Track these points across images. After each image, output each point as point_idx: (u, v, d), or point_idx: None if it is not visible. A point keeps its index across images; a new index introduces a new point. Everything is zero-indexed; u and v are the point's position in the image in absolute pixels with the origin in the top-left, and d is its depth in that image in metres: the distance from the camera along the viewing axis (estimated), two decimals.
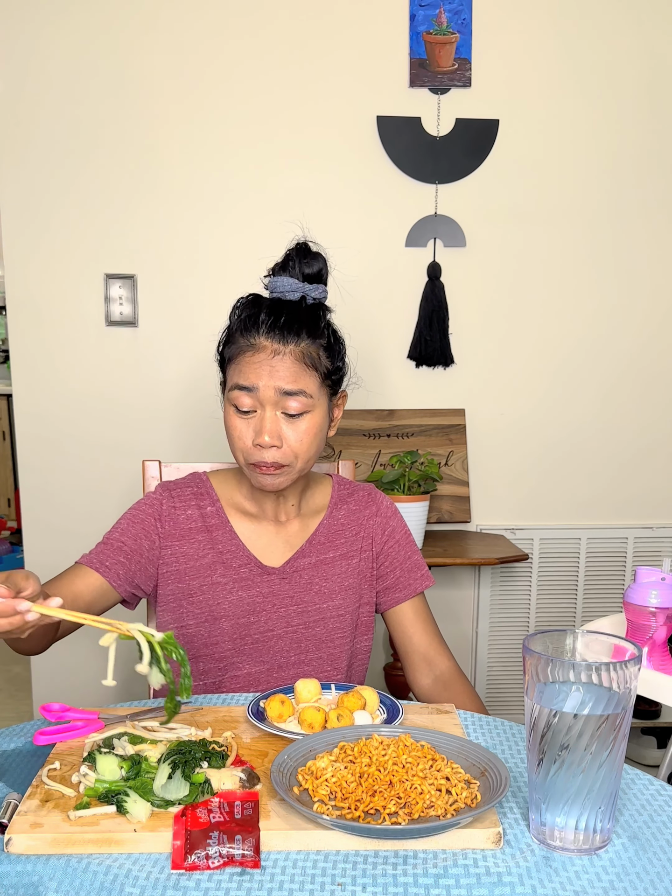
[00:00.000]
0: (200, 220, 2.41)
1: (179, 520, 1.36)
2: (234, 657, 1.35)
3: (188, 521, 1.36)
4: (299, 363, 1.26)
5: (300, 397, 1.25)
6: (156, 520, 1.36)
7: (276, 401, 1.25)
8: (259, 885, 0.79)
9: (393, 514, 1.46)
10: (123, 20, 2.31)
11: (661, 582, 1.36)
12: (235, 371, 1.27)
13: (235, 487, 1.40)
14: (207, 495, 1.39)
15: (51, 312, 2.40)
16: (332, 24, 2.35)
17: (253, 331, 1.26)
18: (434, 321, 2.46)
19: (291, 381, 1.24)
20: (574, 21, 2.41)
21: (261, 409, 1.26)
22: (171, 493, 1.38)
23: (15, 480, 5.22)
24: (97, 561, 1.32)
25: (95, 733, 1.05)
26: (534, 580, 2.61)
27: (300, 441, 1.27)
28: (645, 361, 2.57)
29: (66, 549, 2.49)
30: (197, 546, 1.36)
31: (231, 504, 1.39)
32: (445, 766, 0.93)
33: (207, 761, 0.94)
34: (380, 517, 1.44)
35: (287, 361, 1.25)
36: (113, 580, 1.31)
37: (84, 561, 1.33)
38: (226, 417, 1.30)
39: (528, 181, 2.47)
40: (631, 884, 0.80)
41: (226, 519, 1.37)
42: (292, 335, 1.25)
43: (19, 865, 0.81)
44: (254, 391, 1.25)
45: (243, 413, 1.27)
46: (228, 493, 1.40)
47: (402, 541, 1.44)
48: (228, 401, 1.29)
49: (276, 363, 1.24)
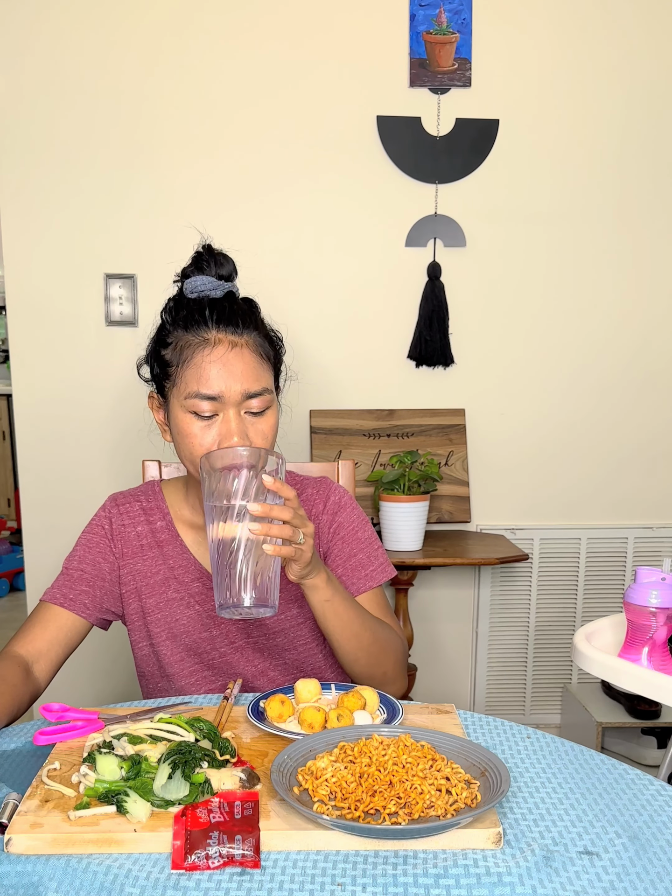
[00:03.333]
0: (200, 219, 2.41)
1: (130, 537, 1.34)
2: (204, 671, 1.33)
3: (139, 538, 1.33)
4: (256, 355, 1.20)
5: (263, 395, 1.20)
6: (109, 540, 1.33)
7: (240, 402, 1.19)
8: (259, 885, 0.79)
9: (340, 509, 1.35)
10: (123, 20, 2.31)
11: (662, 582, 1.36)
12: (193, 375, 1.18)
13: (183, 499, 1.35)
14: (158, 509, 1.35)
15: (51, 312, 2.40)
16: (332, 24, 2.35)
17: (202, 325, 1.19)
18: (434, 321, 2.46)
19: (254, 380, 1.19)
20: (574, 21, 2.41)
21: (223, 412, 1.18)
22: (120, 510, 1.35)
23: (15, 480, 5.22)
24: (61, 596, 1.29)
25: (96, 733, 1.05)
26: (534, 580, 2.61)
27: (266, 438, 1.21)
28: (645, 361, 2.57)
29: (66, 549, 2.49)
30: (150, 563, 1.33)
31: (179, 517, 1.35)
32: (445, 767, 0.93)
33: (208, 762, 0.94)
34: (326, 514, 1.35)
35: (246, 355, 1.19)
36: (81, 612, 1.29)
37: (48, 598, 1.30)
38: (179, 425, 1.20)
39: (528, 181, 2.47)
40: (631, 884, 0.80)
41: (176, 533, 1.34)
42: (244, 325, 1.20)
43: (19, 865, 0.81)
44: (218, 399, 1.17)
45: (203, 418, 1.19)
46: (177, 504, 1.36)
47: (347, 537, 1.34)
48: (183, 407, 1.19)
49: (236, 359, 1.18)
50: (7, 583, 4.32)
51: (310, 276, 2.45)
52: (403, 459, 2.29)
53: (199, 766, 0.93)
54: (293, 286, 2.45)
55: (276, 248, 2.43)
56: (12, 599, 4.26)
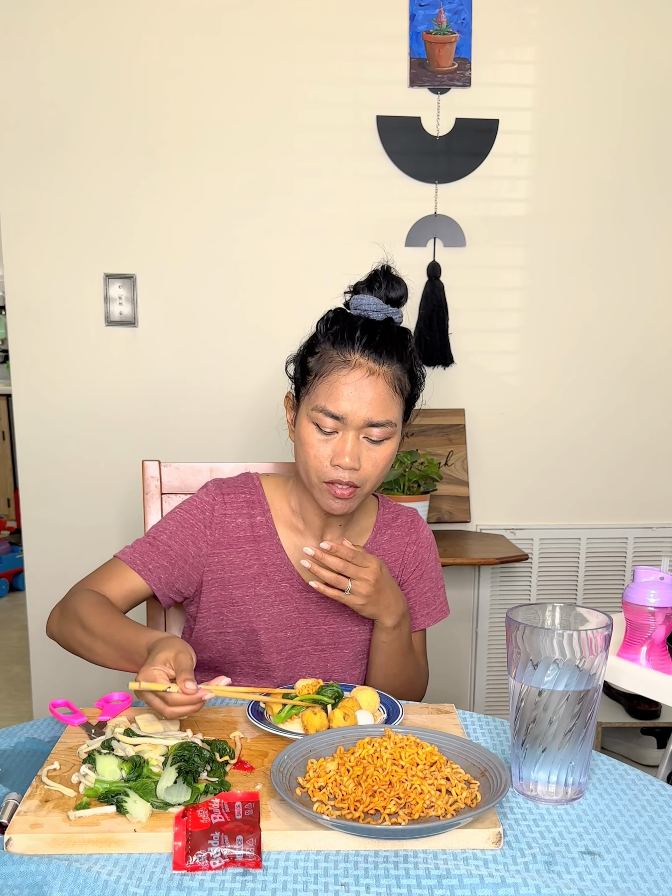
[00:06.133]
0: (200, 219, 2.41)
1: (229, 528, 1.34)
2: (268, 670, 1.35)
3: (237, 529, 1.35)
4: (390, 387, 1.24)
5: (386, 427, 1.24)
6: (205, 527, 1.34)
7: (361, 426, 1.23)
8: (262, 886, 0.79)
9: (429, 547, 1.44)
10: (123, 20, 2.30)
11: (660, 581, 1.37)
12: (325, 391, 1.23)
13: (285, 498, 1.38)
14: (259, 504, 1.36)
15: (50, 312, 2.40)
16: (332, 24, 2.35)
17: (348, 345, 1.24)
18: (434, 321, 2.46)
19: (381, 411, 1.23)
20: (574, 20, 2.41)
21: (343, 431, 1.23)
22: (225, 498, 1.36)
23: (15, 480, 5.22)
24: (140, 562, 1.31)
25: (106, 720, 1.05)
26: (534, 580, 2.61)
27: (376, 466, 1.25)
28: (645, 361, 2.57)
29: (66, 549, 2.51)
30: (244, 556, 1.34)
31: (279, 515, 1.37)
32: (445, 767, 0.93)
33: (208, 771, 0.94)
34: (417, 546, 1.42)
35: (380, 385, 1.23)
36: (154, 584, 1.30)
37: (127, 560, 1.31)
38: (302, 433, 1.27)
39: (528, 181, 2.47)
40: (634, 884, 0.80)
41: (274, 531, 1.35)
42: (387, 356, 1.24)
43: (23, 866, 0.81)
44: (341, 419, 1.22)
45: (324, 433, 1.24)
46: (278, 502, 1.38)
47: (426, 575, 1.42)
48: (309, 417, 1.25)
49: (369, 387, 1.22)
50: (7, 583, 4.32)
51: (310, 275, 2.44)
52: (403, 459, 2.29)
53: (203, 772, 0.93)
54: (293, 286, 2.44)
55: (276, 247, 2.43)
56: (12, 599, 4.26)
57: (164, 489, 1.59)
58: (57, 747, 1.03)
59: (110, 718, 1.08)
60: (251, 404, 2.47)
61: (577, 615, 0.99)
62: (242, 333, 2.45)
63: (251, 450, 2.46)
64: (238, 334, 2.44)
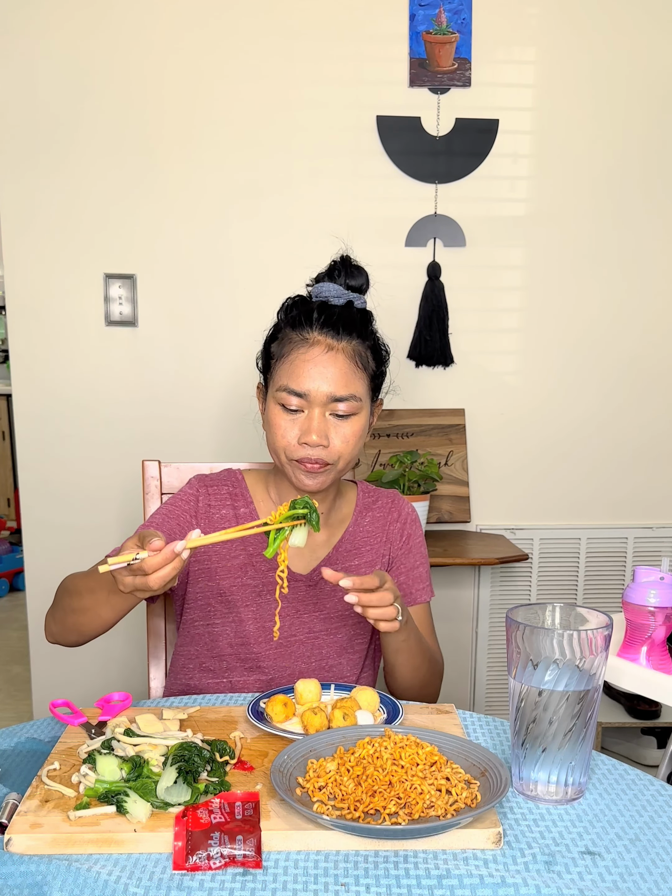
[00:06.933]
0: (200, 220, 2.41)
1: (214, 518, 1.36)
2: (258, 660, 1.35)
3: (222, 520, 1.36)
4: (351, 362, 1.27)
5: (350, 401, 1.26)
6: (192, 516, 1.35)
7: (326, 403, 1.26)
8: (263, 886, 0.79)
9: (413, 521, 1.46)
10: (121, 20, 2.30)
11: (660, 581, 1.37)
12: (286, 371, 1.27)
13: (266, 490, 1.40)
14: (242, 496, 1.38)
15: (50, 312, 2.40)
16: (332, 23, 2.35)
17: (306, 326, 1.27)
18: (434, 321, 2.46)
19: (343, 385, 1.25)
20: (574, 20, 2.41)
21: (309, 409, 1.26)
22: (208, 490, 1.38)
23: (15, 480, 5.22)
24: None
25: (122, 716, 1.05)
26: (534, 580, 2.61)
27: (346, 442, 1.27)
28: (645, 361, 2.57)
29: (66, 549, 2.51)
30: (229, 546, 1.35)
31: (262, 507, 1.38)
32: (445, 767, 0.93)
33: (208, 771, 0.94)
34: (400, 522, 1.44)
35: (340, 360, 1.26)
36: None
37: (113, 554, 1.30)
38: (269, 415, 1.30)
39: (528, 181, 2.47)
40: (635, 884, 0.80)
41: None
42: (346, 332, 1.27)
43: (23, 866, 0.81)
44: (304, 396, 1.25)
45: (290, 412, 1.27)
46: (261, 494, 1.39)
47: (414, 549, 1.44)
48: (274, 399, 1.28)
49: (329, 362, 1.25)
50: (7, 583, 4.32)
51: (310, 275, 2.44)
52: (403, 459, 2.29)
53: (203, 772, 0.93)
54: (293, 286, 2.44)
55: (276, 247, 2.43)
56: (12, 599, 4.26)
57: (164, 489, 1.59)
58: (57, 747, 1.03)
59: (110, 718, 1.08)
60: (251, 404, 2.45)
61: (577, 615, 1.00)
62: (242, 333, 2.45)
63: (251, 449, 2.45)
64: (238, 334, 2.44)
